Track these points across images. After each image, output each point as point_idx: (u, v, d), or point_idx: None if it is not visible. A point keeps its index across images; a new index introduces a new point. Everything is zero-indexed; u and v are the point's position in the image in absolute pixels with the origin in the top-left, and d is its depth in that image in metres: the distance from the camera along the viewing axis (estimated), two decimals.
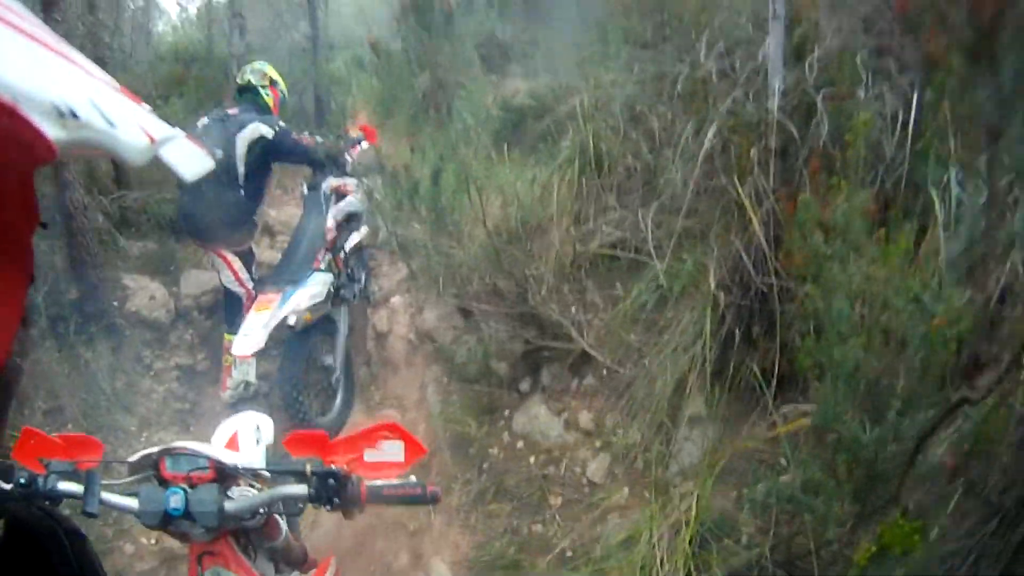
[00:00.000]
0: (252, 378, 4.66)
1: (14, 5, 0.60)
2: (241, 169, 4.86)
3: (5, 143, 0.51)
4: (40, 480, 1.79)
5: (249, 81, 5.18)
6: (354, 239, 5.36)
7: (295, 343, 4.75)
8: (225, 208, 4.82)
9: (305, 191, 5.47)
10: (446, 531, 4.07)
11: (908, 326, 2.31)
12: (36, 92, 0.53)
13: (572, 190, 4.64)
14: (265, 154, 4.93)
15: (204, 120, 5.01)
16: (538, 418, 4.26)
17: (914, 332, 2.29)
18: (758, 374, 3.32)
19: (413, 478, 1.85)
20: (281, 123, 5.05)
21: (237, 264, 5.00)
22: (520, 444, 4.26)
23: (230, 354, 4.75)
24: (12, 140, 0.51)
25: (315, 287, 4.78)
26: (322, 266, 4.95)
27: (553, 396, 4.34)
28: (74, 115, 0.56)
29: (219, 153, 4.72)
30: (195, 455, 1.95)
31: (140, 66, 8.25)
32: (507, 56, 6.56)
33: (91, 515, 1.76)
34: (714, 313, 3.51)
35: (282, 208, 7.24)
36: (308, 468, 1.79)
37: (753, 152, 3.38)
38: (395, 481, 1.83)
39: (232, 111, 5.04)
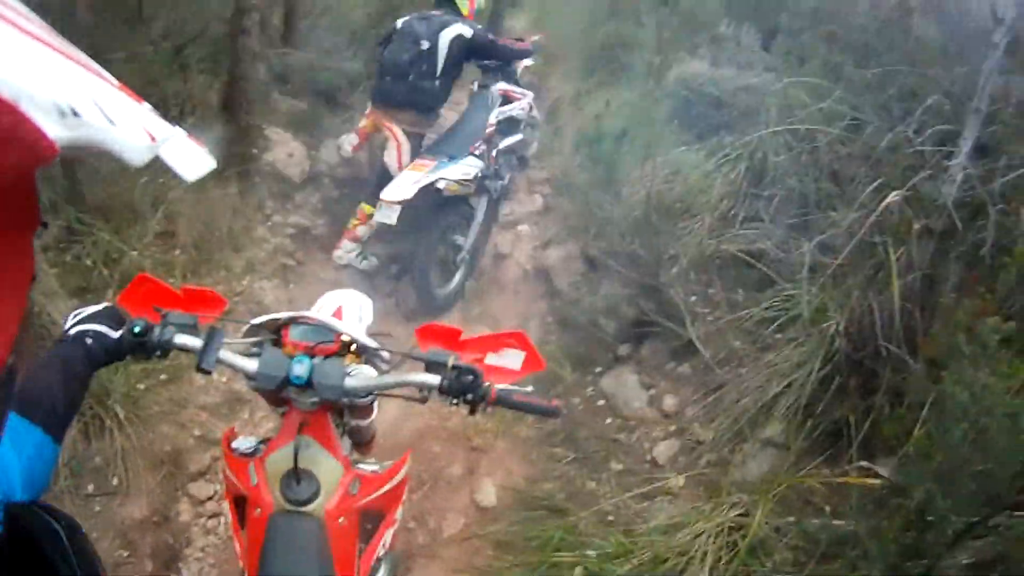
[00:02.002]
0: (393, 221, 4.99)
1: (15, 4, 0.60)
2: (440, 62, 5.37)
3: (5, 142, 0.49)
4: (156, 330, 1.81)
5: None
6: (508, 141, 5.87)
7: (436, 212, 5.26)
8: (420, 92, 5.38)
9: (475, 88, 6.00)
10: (505, 457, 4.29)
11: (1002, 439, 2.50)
12: (37, 90, 0.52)
13: (730, 188, 4.78)
14: (463, 52, 5.47)
15: (404, 18, 5.59)
16: (626, 385, 4.49)
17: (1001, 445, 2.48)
18: (851, 423, 3.48)
19: (530, 388, 1.89)
20: (478, 26, 5.63)
21: (405, 146, 5.41)
22: (601, 402, 4.50)
23: (357, 220, 5.42)
24: (12, 139, 0.50)
25: (467, 167, 5.26)
26: (476, 153, 5.44)
27: (646, 370, 4.55)
28: (75, 113, 0.55)
29: (425, 44, 5.30)
30: (323, 327, 2.04)
31: None
32: (699, 34, 6.54)
33: (206, 372, 1.83)
34: (826, 354, 3.66)
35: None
36: (451, 361, 1.85)
37: (916, 226, 3.48)
38: (523, 388, 1.88)
39: (435, 12, 5.61)
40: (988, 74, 3.52)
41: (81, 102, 0.57)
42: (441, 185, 5.09)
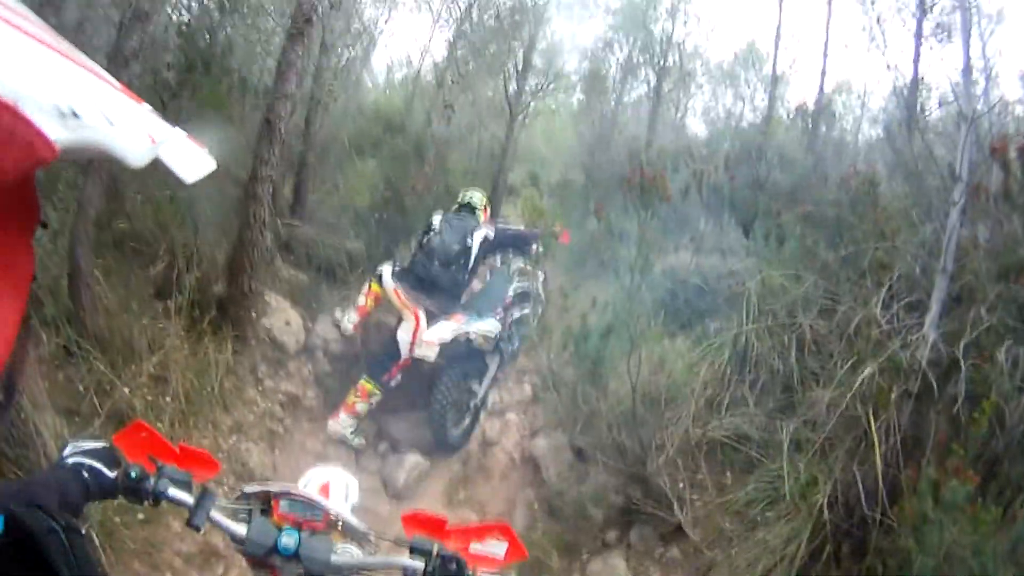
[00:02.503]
0: (432, 358, 5.64)
1: (16, 5, 0.61)
2: (472, 259, 6.20)
3: (6, 142, 0.50)
4: (151, 480, 1.87)
5: (470, 202, 6.57)
6: (519, 313, 6.59)
7: (460, 362, 5.85)
8: (455, 281, 6.13)
9: (498, 263, 6.89)
10: None
11: None
12: (37, 92, 0.53)
13: (715, 375, 4.88)
14: (486, 249, 6.35)
15: (439, 217, 6.39)
16: (614, 571, 4.36)
17: None
18: None
19: (514, 574, 1.96)
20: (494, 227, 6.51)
21: (423, 325, 5.83)
22: None
23: (357, 395, 5.74)
24: (13, 139, 0.50)
25: (491, 325, 6.05)
26: (497, 317, 6.14)
27: (635, 556, 4.45)
28: (75, 115, 0.56)
29: (468, 241, 6.20)
30: (312, 504, 2.06)
31: (344, 117, 8.78)
32: (681, 229, 6.94)
33: (196, 528, 1.87)
34: (815, 526, 3.63)
35: None
36: (436, 549, 1.88)
37: (894, 393, 3.59)
38: None
39: (463, 216, 6.45)
40: (951, 233, 3.77)
41: (81, 103, 0.58)
42: (472, 336, 5.79)
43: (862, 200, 5.07)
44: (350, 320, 6.21)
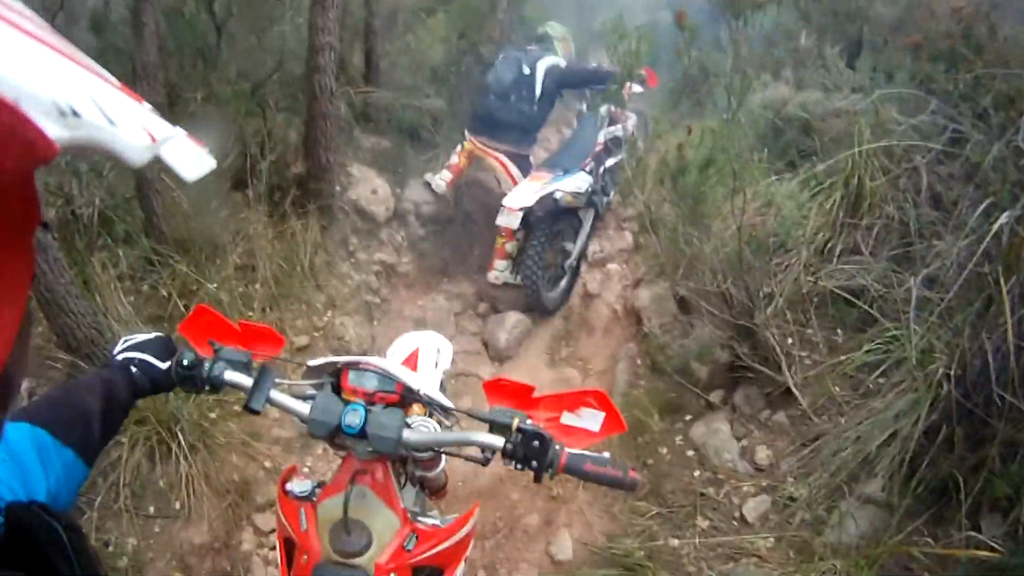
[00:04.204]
0: (515, 226, 5.41)
1: (16, 4, 0.59)
2: (538, 89, 5.96)
3: (6, 141, 0.48)
4: (206, 364, 1.76)
5: (547, 33, 6.49)
6: (614, 160, 6.26)
7: (549, 221, 5.59)
8: (520, 114, 5.97)
9: (584, 110, 6.66)
10: (585, 509, 4.06)
11: None
12: (37, 90, 0.51)
13: (826, 220, 4.41)
14: (557, 80, 6.08)
15: (504, 54, 6.23)
16: (718, 435, 4.16)
17: None
18: (960, 482, 3.06)
19: (607, 454, 1.69)
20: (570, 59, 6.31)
21: (512, 166, 5.96)
22: (690, 453, 4.19)
23: (503, 238, 5.64)
24: (12, 138, 0.49)
25: (579, 181, 5.73)
26: (587, 169, 5.84)
27: (739, 419, 4.22)
28: (75, 113, 0.54)
29: (527, 70, 5.97)
30: (384, 375, 1.91)
31: None
32: (783, 60, 6.26)
33: (254, 412, 1.75)
34: (933, 401, 3.25)
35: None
36: (516, 423, 1.69)
37: None
38: (597, 455, 1.69)
39: (531, 48, 6.28)
40: None
41: (81, 102, 0.56)
42: (558, 196, 5.50)
43: (978, 31, 4.28)
44: (443, 178, 6.16)
